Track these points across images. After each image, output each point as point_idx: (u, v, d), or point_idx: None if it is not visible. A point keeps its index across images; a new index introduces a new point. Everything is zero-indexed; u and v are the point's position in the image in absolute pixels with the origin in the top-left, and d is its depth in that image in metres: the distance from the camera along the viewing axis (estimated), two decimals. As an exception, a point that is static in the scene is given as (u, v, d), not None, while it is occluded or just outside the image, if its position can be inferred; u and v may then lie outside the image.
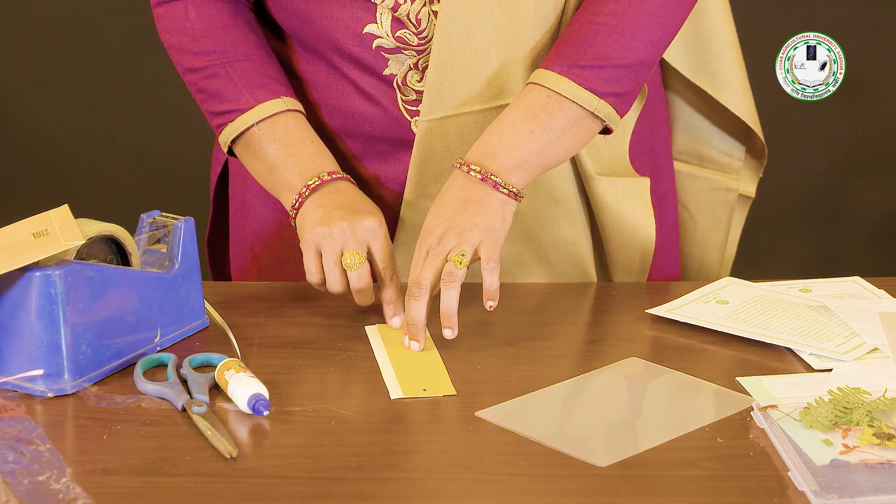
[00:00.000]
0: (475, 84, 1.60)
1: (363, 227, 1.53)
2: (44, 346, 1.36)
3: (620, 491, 1.20)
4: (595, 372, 1.43)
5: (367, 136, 1.66)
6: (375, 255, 1.54)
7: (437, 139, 1.62)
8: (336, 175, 1.58)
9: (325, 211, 1.55)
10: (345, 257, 1.52)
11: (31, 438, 1.27)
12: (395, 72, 1.61)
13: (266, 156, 1.60)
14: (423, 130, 1.61)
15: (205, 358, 1.43)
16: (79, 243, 1.38)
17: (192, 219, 1.50)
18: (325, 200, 1.56)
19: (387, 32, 1.58)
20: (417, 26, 1.58)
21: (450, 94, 1.60)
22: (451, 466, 1.25)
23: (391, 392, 1.39)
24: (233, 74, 1.61)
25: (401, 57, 1.60)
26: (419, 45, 1.59)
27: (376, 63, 1.61)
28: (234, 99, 1.61)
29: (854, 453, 1.25)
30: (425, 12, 1.57)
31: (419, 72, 1.61)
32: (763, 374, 1.43)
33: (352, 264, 1.52)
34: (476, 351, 1.48)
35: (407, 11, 1.57)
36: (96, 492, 1.18)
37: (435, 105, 1.60)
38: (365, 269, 1.53)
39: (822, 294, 1.62)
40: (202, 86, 1.63)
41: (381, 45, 1.59)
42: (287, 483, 1.21)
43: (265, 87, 1.61)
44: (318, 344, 1.50)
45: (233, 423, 1.32)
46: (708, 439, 1.29)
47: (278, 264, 1.75)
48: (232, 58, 1.62)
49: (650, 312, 1.57)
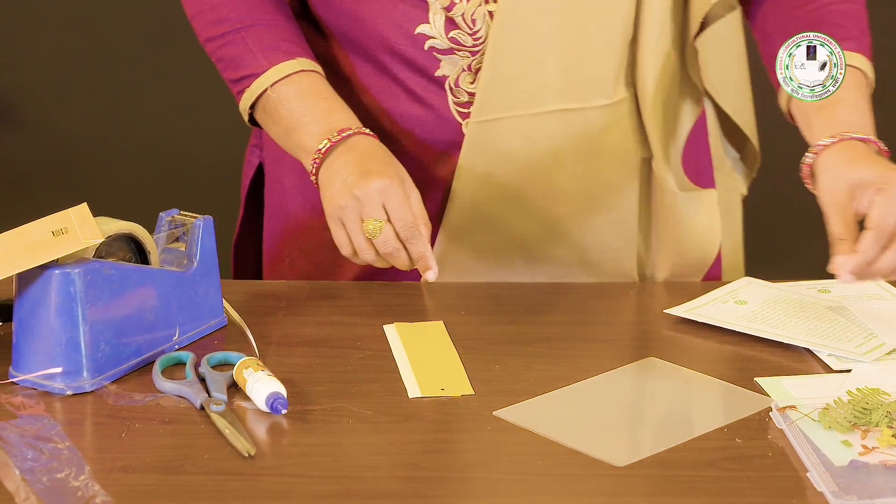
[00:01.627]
0: (528, 87, 1.59)
1: (374, 190, 1.50)
2: (63, 344, 1.36)
3: (638, 491, 1.20)
4: (613, 372, 1.43)
5: (415, 139, 1.65)
6: (391, 216, 1.51)
7: (488, 141, 1.61)
8: (346, 132, 1.55)
9: (340, 179, 1.52)
10: (365, 226, 1.50)
11: (49, 436, 1.27)
12: (447, 73, 1.60)
13: (282, 118, 1.58)
14: (474, 131, 1.60)
15: (223, 356, 1.43)
16: (98, 241, 1.39)
17: (210, 217, 1.50)
18: (338, 164, 1.53)
19: (440, 33, 1.57)
20: (472, 27, 1.57)
21: (502, 96, 1.59)
22: (469, 466, 1.25)
23: (409, 391, 1.39)
24: (248, 40, 1.60)
25: (454, 58, 1.59)
26: (473, 45, 1.58)
27: (428, 64, 1.60)
28: (249, 64, 1.59)
29: (873, 454, 1.24)
30: (481, 12, 1.56)
31: (472, 73, 1.60)
32: (782, 375, 1.42)
33: (373, 231, 1.49)
34: (494, 351, 1.48)
35: (462, 11, 1.56)
36: (115, 489, 1.19)
37: (486, 107, 1.59)
38: (387, 232, 1.50)
39: (842, 294, 1.61)
40: (220, 54, 1.62)
41: (433, 45, 1.58)
42: (305, 482, 1.21)
43: (280, 50, 1.59)
44: (336, 342, 1.50)
45: (251, 421, 1.32)
46: (726, 440, 1.29)
47: (316, 269, 1.75)
48: (247, 23, 1.60)
49: (668, 312, 1.57)
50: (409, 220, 1.50)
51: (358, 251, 1.52)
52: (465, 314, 1.59)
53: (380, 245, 1.50)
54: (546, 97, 1.60)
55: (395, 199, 1.50)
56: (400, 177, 1.52)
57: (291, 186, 1.73)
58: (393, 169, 1.52)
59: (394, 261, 1.51)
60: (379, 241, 1.50)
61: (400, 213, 1.50)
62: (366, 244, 1.51)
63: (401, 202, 1.50)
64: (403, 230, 1.50)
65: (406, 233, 1.50)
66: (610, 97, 1.64)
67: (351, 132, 1.55)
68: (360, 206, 1.50)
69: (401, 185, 1.51)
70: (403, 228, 1.50)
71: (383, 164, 1.52)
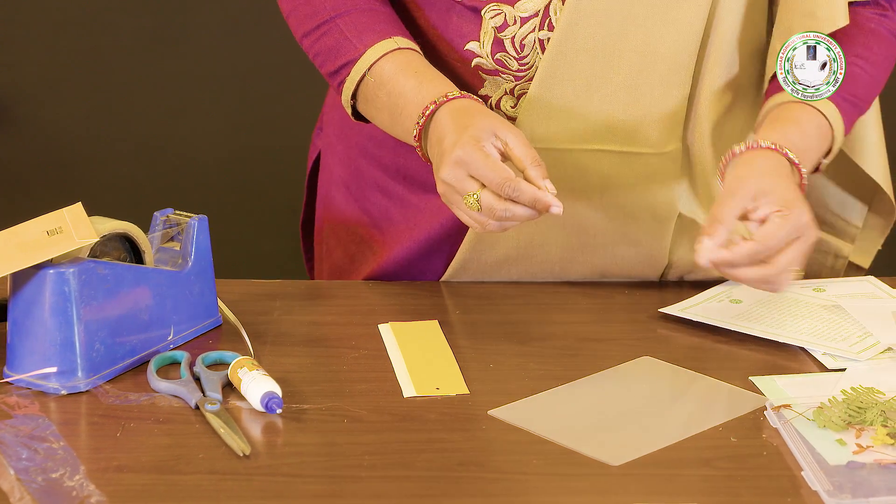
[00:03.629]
0: (570, 123, 1.57)
1: (452, 169, 1.42)
2: (58, 344, 1.36)
3: (633, 490, 1.20)
4: (608, 371, 1.43)
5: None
6: (483, 182, 1.42)
7: None
8: (429, 110, 1.48)
9: (435, 166, 1.46)
10: (466, 203, 1.43)
11: (44, 436, 1.27)
12: (489, 94, 1.59)
13: (383, 105, 1.54)
14: None
15: (218, 356, 1.43)
16: (92, 241, 1.38)
17: (205, 217, 1.50)
18: (430, 150, 1.48)
19: (487, 53, 1.56)
20: (520, 52, 1.55)
21: (542, 127, 1.57)
22: (463, 465, 1.25)
23: (404, 390, 1.39)
24: (343, 27, 1.56)
25: (498, 80, 1.58)
26: (518, 70, 1.56)
27: (473, 82, 1.59)
28: (346, 51, 1.55)
29: (868, 453, 1.24)
30: (531, 39, 1.55)
31: (514, 98, 1.58)
32: (776, 374, 1.42)
33: (473, 205, 1.42)
34: (489, 350, 1.48)
35: (513, 35, 1.55)
36: (110, 489, 1.19)
37: (526, 134, 1.52)
38: (486, 200, 1.41)
39: (836, 293, 1.61)
40: (317, 48, 1.58)
41: (479, 64, 1.57)
42: (300, 481, 1.21)
43: (374, 31, 1.55)
44: (331, 342, 1.50)
45: (246, 421, 1.32)
46: (721, 439, 1.29)
47: (349, 260, 1.75)
48: (342, 11, 1.57)
49: (663, 311, 1.57)
50: (499, 179, 1.41)
51: (481, 227, 1.45)
52: (460, 313, 1.59)
53: (488, 214, 1.42)
54: (587, 135, 1.58)
55: (475, 165, 1.42)
56: (476, 136, 1.43)
57: (338, 176, 1.73)
58: (469, 133, 1.44)
59: (514, 218, 1.43)
60: (485, 210, 1.42)
61: (489, 176, 1.41)
62: (480, 217, 1.43)
63: (482, 166, 1.42)
64: (501, 189, 1.41)
65: (505, 190, 1.41)
66: (655, 147, 1.61)
67: (434, 107, 1.48)
68: (451, 189, 1.44)
69: (477, 147, 1.42)
70: (500, 188, 1.41)
71: (457, 133, 1.45)
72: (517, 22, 1.54)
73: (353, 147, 1.72)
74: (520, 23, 1.54)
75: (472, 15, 1.56)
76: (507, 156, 1.44)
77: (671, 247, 1.67)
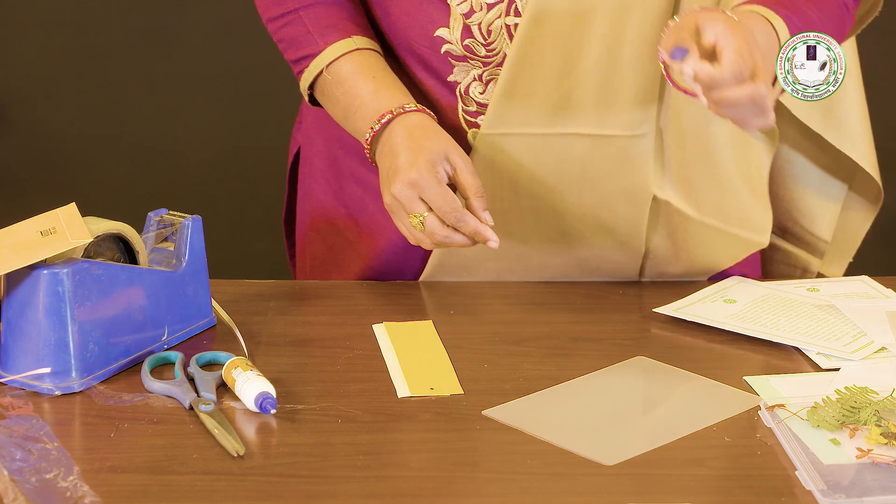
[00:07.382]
0: (541, 107, 1.58)
1: (405, 188, 1.48)
2: (51, 345, 1.36)
3: (627, 490, 1.20)
4: (602, 371, 1.43)
5: None
6: (431, 206, 1.48)
7: (497, 154, 1.60)
8: (385, 118, 1.53)
9: (383, 174, 1.52)
10: (410, 221, 1.49)
11: (38, 436, 1.27)
12: (458, 80, 1.60)
13: (338, 101, 1.59)
14: (485, 143, 1.59)
15: (212, 356, 1.43)
16: (86, 241, 1.38)
17: (199, 217, 1.50)
18: (381, 157, 1.53)
19: (456, 39, 1.57)
20: (486, 38, 1.56)
21: (515, 112, 1.58)
22: (458, 465, 1.25)
23: (398, 391, 1.39)
24: (306, 20, 1.60)
25: (466, 66, 1.59)
26: (486, 56, 1.57)
27: (442, 68, 1.60)
28: (307, 45, 1.60)
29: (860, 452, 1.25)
30: (498, 25, 1.56)
31: (482, 83, 1.59)
32: (770, 374, 1.43)
33: (417, 226, 1.49)
34: (483, 350, 1.48)
35: (479, 21, 1.56)
36: (104, 490, 1.19)
37: (497, 121, 1.58)
38: (430, 224, 1.48)
39: (830, 293, 1.62)
40: (280, 35, 1.62)
41: (449, 50, 1.58)
42: (294, 481, 1.21)
43: (336, 28, 1.60)
44: (325, 342, 1.50)
45: (240, 421, 1.32)
46: (715, 438, 1.29)
47: (329, 251, 1.75)
48: (307, 3, 1.61)
49: (657, 311, 1.57)
50: (447, 207, 1.47)
51: (417, 243, 1.51)
52: (454, 313, 1.59)
53: (429, 236, 1.49)
54: (559, 119, 1.59)
55: (428, 189, 1.48)
56: (432, 160, 1.49)
57: (317, 168, 1.74)
58: (425, 155, 1.49)
59: (451, 244, 1.49)
60: (427, 232, 1.48)
61: (438, 203, 1.48)
62: (420, 235, 1.50)
63: (435, 191, 1.48)
64: (446, 217, 1.48)
65: (450, 219, 1.48)
66: (627, 129, 1.61)
67: (390, 116, 1.54)
68: (398, 204, 1.49)
69: (431, 172, 1.48)
70: (446, 216, 1.48)
71: (413, 153, 1.50)
72: (483, 8, 1.56)
73: (332, 139, 1.73)
74: (486, 9, 1.56)
75: (441, 2, 1.57)
76: (453, 180, 1.51)
77: (647, 233, 1.67)
